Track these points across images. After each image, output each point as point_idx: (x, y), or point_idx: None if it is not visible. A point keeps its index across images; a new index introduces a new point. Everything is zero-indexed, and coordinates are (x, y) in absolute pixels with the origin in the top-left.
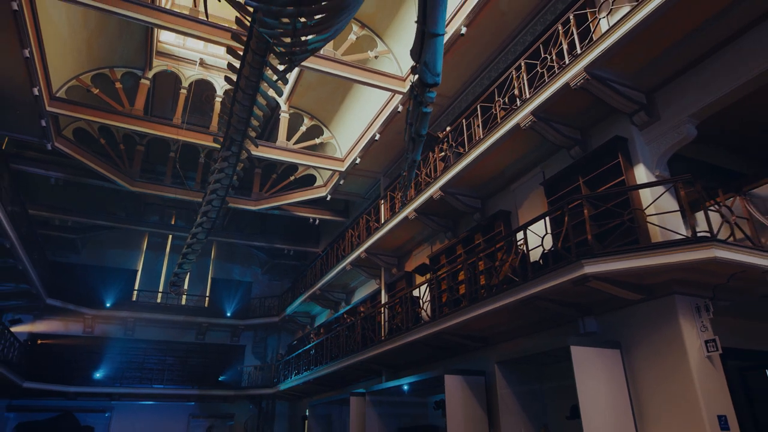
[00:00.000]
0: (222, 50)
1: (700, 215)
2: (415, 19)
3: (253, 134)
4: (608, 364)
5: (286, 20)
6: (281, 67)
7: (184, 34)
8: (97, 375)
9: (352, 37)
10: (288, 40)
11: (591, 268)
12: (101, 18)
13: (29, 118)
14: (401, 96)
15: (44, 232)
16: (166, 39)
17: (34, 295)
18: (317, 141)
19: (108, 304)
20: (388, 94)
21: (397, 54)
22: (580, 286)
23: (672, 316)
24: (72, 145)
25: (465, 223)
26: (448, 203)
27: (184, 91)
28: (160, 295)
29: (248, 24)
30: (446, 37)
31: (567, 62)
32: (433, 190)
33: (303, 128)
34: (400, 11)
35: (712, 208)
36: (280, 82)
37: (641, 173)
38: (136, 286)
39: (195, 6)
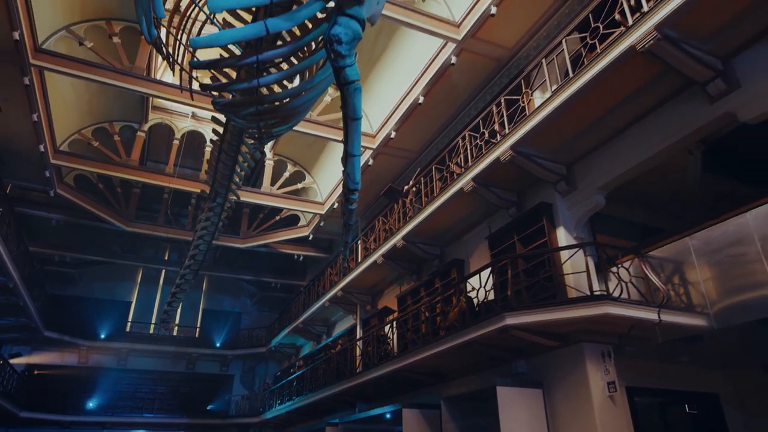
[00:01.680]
0: None
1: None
2: (386, 79)
3: (236, 188)
4: (531, 402)
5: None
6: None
7: (174, 102)
8: (91, 404)
9: (328, 98)
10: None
11: (511, 320)
12: None
13: (34, 169)
14: (372, 151)
15: (44, 267)
16: None
17: (32, 328)
18: (299, 186)
19: (102, 336)
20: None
21: (368, 113)
22: (505, 334)
23: (581, 361)
24: (73, 191)
25: (427, 268)
26: (410, 250)
27: (177, 142)
28: (152, 326)
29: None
30: (406, 105)
31: (498, 140)
32: (396, 239)
33: (287, 174)
34: (369, 76)
35: (613, 269)
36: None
37: (562, 235)
38: (130, 318)
39: (180, 89)
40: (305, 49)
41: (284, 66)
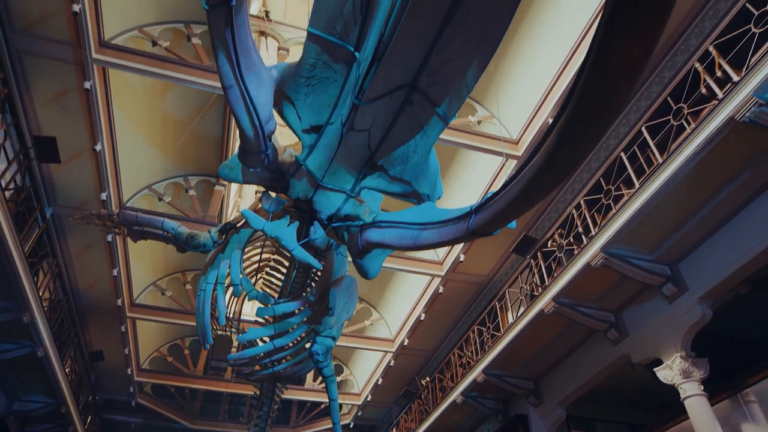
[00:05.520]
0: None
1: None
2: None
3: (279, 399)
4: None
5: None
6: None
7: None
8: None
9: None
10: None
11: None
12: None
13: (120, 384)
14: (392, 353)
15: None
16: None
17: None
18: (339, 378)
19: None
20: (382, 353)
21: (387, 320)
22: None
23: None
24: (150, 398)
25: None
26: None
27: (234, 349)
28: None
29: None
30: (413, 319)
31: (473, 364)
32: None
33: None
34: (385, 292)
35: None
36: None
37: None
38: None
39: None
40: (300, 350)
41: (289, 358)
